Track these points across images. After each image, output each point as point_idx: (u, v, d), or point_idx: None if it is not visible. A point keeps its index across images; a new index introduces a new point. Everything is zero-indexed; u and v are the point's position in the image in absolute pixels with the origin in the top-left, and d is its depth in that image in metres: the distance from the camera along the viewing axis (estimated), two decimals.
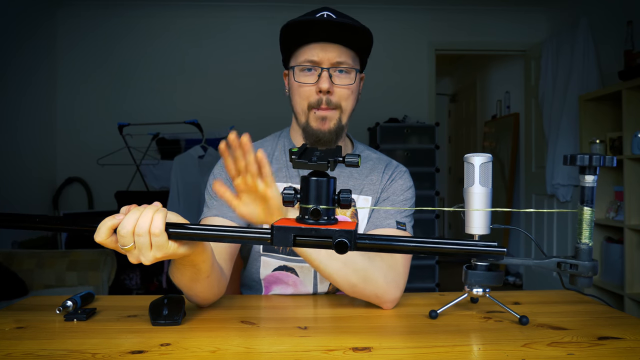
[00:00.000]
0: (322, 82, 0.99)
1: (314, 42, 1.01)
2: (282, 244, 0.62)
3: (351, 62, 1.03)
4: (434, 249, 0.62)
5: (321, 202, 0.62)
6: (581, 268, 0.61)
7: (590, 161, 0.58)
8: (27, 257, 2.57)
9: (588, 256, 0.62)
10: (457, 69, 6.18)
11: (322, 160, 0.61)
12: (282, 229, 0.62)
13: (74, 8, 3.90)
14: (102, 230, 0.67)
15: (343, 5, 3.81)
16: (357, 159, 0.62)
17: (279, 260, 1.08)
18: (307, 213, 0.62)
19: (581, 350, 0.70)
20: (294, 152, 0.64)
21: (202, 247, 0.76)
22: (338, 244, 0.60)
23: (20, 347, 0.71)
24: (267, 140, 1.16)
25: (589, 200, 0.61)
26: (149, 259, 0.68)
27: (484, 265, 0.72)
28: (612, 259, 2.82)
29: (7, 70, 3.28)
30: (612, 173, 2.93)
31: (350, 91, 1.03)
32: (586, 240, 0.62)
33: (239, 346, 0.72)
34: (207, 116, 3.76)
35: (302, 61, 1.02)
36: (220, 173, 1.10)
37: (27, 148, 3.52)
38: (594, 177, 0.60)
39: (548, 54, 3.65)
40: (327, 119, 1.02)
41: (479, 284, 0.69)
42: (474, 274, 0.70)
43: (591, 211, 0.61)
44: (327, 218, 0.62)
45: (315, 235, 0.61)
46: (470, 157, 0.83)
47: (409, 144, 3.69)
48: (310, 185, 0.62)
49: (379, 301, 0.94)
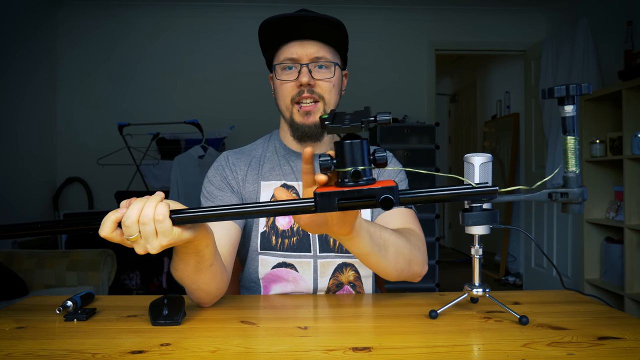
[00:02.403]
0: (302, 76, 1.03)
1: (292, 40, 1.05)
2: (326, 209, 0.63)
3: (330, 57, 1.06)
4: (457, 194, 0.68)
5: (357, 163, 0.62)
6: (571, 195, 0.64)
7: (567, 91, 0.61)
8: (27, 257, 2.57)
9: (576, 183, 0.64)
10: (457, 69, 6.18)
11: (354, 122, 0.61)
12: (325, 195, 0.63)
13: (74, 8, 3.90)
14: (106, 224, 0.68)
15: (343, 6, 3.81)
16: (388, 117, 0.62)
17: (278, 258, 1.08)
18: (345, 176, 0.63)
19: (581, 350, 0.70)
20: (324, 118, 0.64)
21: (204, 231, 0.77)
22: (383, 201, 0.61)
23: (20, 347, 0.71)
24: (258, 143, 1.20)
25: (571, 130, 0.64)
26: (156, 247, 0.69)
27: (479, 205, 0.74)
28: (612, 259, 2.82)
29: (7, 70, 3.29)
30: (612, 173, 2.93)
31: (331, 84, 1.06)
32: (573, 168, 0.65)
33: (238, 346, 0.72)
34: (207, 116, 3.76)
35: (282, 60, 1.06)
36: (214, 176, 1.12)
37: (27, 148, 3.52)
38: (573, 106, 0.63)
39: (548, 54, 3.65)
40: (310, 113, 1.05)
41: (477, 224, 0.71)
42: (470, 215, 0.72)
43: (574, 139, 0.64)
44: (366, 179, 0.63)
45: (359, 196, 0.62)
46: (470, 157, 0.83)
47: (409, 144, 3.69)
48: (345, 149, 0.63)
49: (415, 278, 1.00)
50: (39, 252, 2.64)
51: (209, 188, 1.10)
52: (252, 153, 1.16)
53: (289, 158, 1.14)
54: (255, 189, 1.11)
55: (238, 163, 1.13)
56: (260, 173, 1.13)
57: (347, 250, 1.09)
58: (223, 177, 1.11)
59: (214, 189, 1.10)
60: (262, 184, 1.12)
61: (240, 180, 1.12)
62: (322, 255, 1.09)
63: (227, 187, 1.10)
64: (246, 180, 1.12)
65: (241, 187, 1.11)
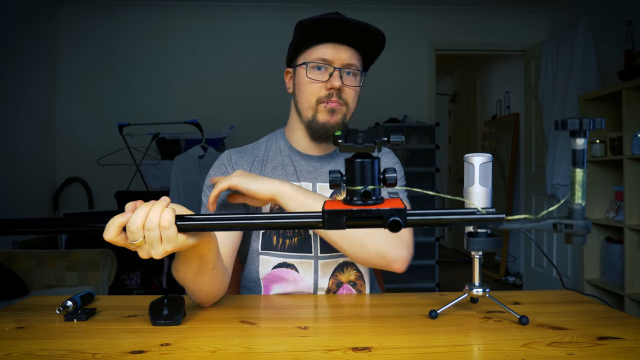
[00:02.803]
0: (335, 80, 1.04)
1: (328, 41, 1.05)
2: (334, 227, 0.63)
3: (359, 65, 1.08)
4: (465, 220, 0.68)
5: (367, 182, 0.62)
6: (575, 227, 0.64)
7: (581, 125, 0.61)
8: (27, 257, 2.57)
9: (581, 215, 0.65)
10: (457, 69, 6.18)
11: (368, 142, 0.61)
12: (333, 213, 0.63)
13: (74, 8, 3.90)
14: (111, 228, 0.68)
15: (345, 6, 3.81)
16: (401, 139, 0.62)
17: (278, 258, 1.08)
18: (355, 195, 0.63)
19: (581, 350, 0.70)
20: (337, 135, 0.64)
21: (208, 236, 0.77)
22: (392, 223, 0.61)
23: (20, 347, 0.71)
24: (261, 142, 1.19)
25: (580, 163, 0.64)
26: (160, 252, 0.69)
27: (484, 232, 0.75)
28: (612, 259, 2.82)
29: (7, 70, 3.28)
30: (612, 173, 2.93)
31: (355, 92, 1.08)
32: (579, 200, 0.65)
33: (239, 346, 0.72)
34: (207, 116, 3.76)
35: (314, 59, 1.05)
36: (217, 174, 1.12)
37: (27, 148, 3.52)
38: (584, 139, 0.63)
39: (548, 54, 3.64)
40: (335, 111, 1.06)
41: (481, 249, 0.71)
42: (475, 240, 0.72)
43: (583, 172, 0.64)
44: (375, 198, 0.63)
45: (367, 216, 0.62)
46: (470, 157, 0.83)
47: (409, 144, 3.69)
48: (356, 167, 0.63)
49: (385, 261, 0.98)
50: (39, 252, 2.64)
51: (211, 187, 1.10)
52: (255, 152, 1.16)
53: (293, 158, 1.13)
54: None
55: (241, 162, 1.13)
56: (263, 173, 1.12)
57: None
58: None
59: None
60: None
61: None
62: (323, 256, 1.09)
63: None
64: None
65: None
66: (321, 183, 1.12)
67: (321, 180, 1.12)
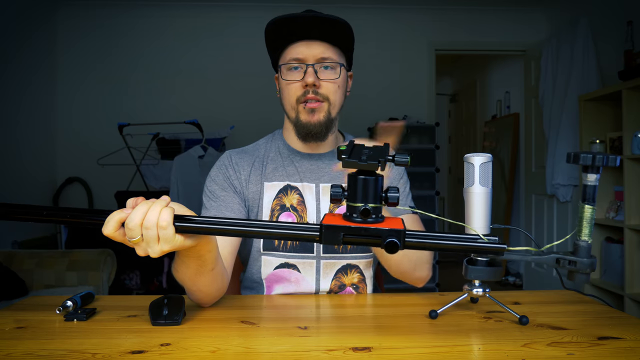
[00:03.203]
0: (308, 76, 1.03)
1: (299, 40, 1.05)
2: (331, 242, 0.62)
3: (336, 58, 1.06)
4: (465, 247, 0.68)
5: (368, 200, 0.61)
6: (580, 264, 0.61)
7: (594, 161, 0.58)
8: (27, 257, 2.57)
9: (587, 253, 0.62)
10: (457, 69, 6.18)
11: (372, 159, 0.61)
12: (331, 228, 0.62)
13: (74, 8, 3.90)
14: (110, 223, 0.68)
15: (344, 5, 3.81)
16: (407, 159, 0.62)
17: (280, 258, 1.08)
18: (355, 211, 0.62)
19: (581, 350, 0.70)
20: (342, 150, 0.63)
21: (207, 237, 0.77)
22: (388, 244, 0.60)
23: (20, 347, 0.71)
24: (260, 143, 1.19)
25: (590, 199, 0.61)
26: (157, 252, 0.69)
27: (484, 260, 0.73)
28: (612, 259, 2.82)
29: (7, 70, 3.28)
30: (612, 173, 2.93)
31: (336, 85, 1.06)
32: (586, 237, 0.62)
33: (239, 346, 0.72)
34: (207, 116, 3.76)
35: (288, 60, 1.05)
36: (217, 175, 1.11)
37: (27, 148, 3.52)
38: (597, 175, 0.60)
39: (548, 54, 3.64)
40: (315, 111, 1.05)
41: (479, 278, 0.69)
42: (473, 269, 0.71)
43: (592, 209, 0.61)
44: (375, 216, 0.62)
45: (365, 234, 0.62)
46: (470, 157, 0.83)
47: (409, 144, 3.69)
48: (357, 184, 0.62)
49: (419, 282, 1.07)
50: (39, 252, 2.64)
51: (212, 187, 1.09)
52: (255, 153, 1.15)
53: (293, 158, 1.13)
54: (258, 190, 1.10)
55: (241, 163, 1.12)
56: (263, 174, 1.11)
57: (351, 252, 1.09)
58: (226, 177, 1.10)
59: (216, 189, 1.09)
60: (265, 185, 1.10)
61: (243, 181, 1.11)
62: (325, 257, 1.08)
63: (229, 187, 1.09)
64: (249, 181, 1.11)
65: (244, 188, 1.10)
66: (324, 184, 1.11)
67: (324, 180, 1.11)
